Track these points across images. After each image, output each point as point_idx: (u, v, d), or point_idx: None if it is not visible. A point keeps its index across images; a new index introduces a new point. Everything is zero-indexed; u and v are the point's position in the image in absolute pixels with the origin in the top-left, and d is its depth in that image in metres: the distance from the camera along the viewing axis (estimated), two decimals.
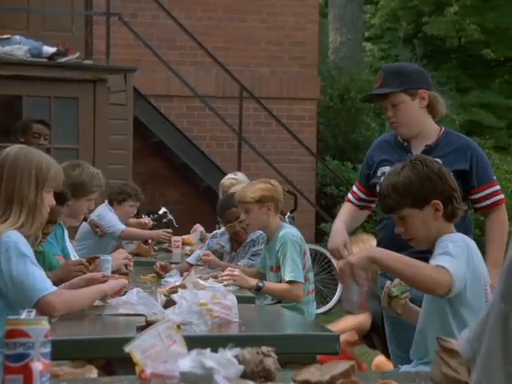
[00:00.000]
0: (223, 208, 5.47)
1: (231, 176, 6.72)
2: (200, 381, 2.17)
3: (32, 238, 3.24)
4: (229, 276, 4.58)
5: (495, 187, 3.91)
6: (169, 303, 3.58)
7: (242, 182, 6.32)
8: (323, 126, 12.40)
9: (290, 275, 4.65)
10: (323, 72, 12.71)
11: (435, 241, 3.04)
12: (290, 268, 4.66)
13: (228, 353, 2.24)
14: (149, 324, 2.91)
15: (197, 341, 2.66)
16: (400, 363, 3.52)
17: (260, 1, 11.62)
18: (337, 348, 3.31)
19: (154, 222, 8.32)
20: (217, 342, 2.38)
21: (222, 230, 5.75)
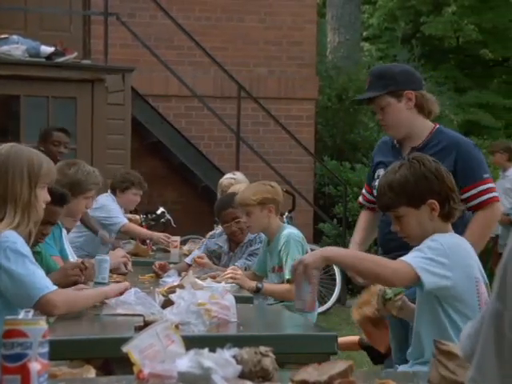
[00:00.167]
0: (220, 208, 5.48)
1: (230, 176, 6.72)
2: (198, 381, 2.17)
3: (26, 236, 3.23)
4: (232, 274, 4.61)
5: (484, 186, 3.80)
6: (167, 303, 3.58)
7: (241, 182, 6.31)
8: (321, 126, 12.41)
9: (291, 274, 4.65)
10: (321, 72, 12.71)
11: None
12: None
13: (226, 353, 2.24)
14: (147, 324, 2.91)
15: (195, 341, 2.65)
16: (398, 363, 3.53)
17: (258, 1, 11.62)
18: (335, 348, 3.31)
19: (152, 222, 8.32)
20: (215, 342, 2.38)
21: (220, 231, 5.75)
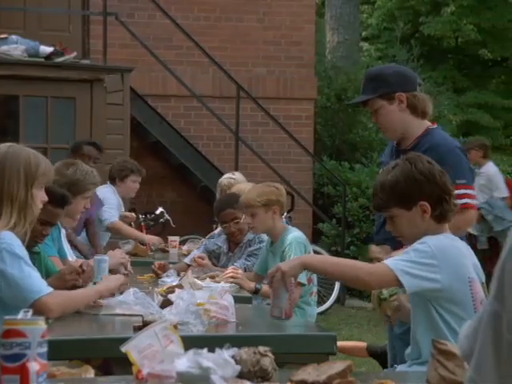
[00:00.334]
0: (219, 209, 5.48)
1: (229, 176, 6.72)
2: (197, 381, 2.18)
3: (23, 236, 3.22)
4: (232, 274, 4.62)
5: (459, 191, 3.55)
6: (166, 303, 3.58)
7: (240, 182, 6.32)
8: (320, 126, 12.40)
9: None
10: (320, 72, 12.71)
11: None
12: None
13: (225, 353, 2.24)
14: (146, 324, 2.91)
15: (194, 341, 2.66)
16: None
17: (257, 1, 11.62)
18: (333, 348, 3.31)
19: (151, 222, 8.32)
20: (214, 342, 2.38)
21: (219, 231, 5.75)
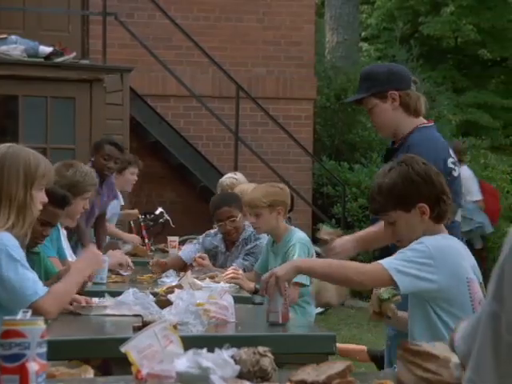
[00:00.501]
0: (215, 207, 5.48)
1: (231, 175, 6.71)
2: (196, 381, 2.17)
3: (22, 237, 3.22)
4: (233, 274, 4.62)
5: None
6: (162, 303, 3.58)
7: (242, 182, 6.32)
8: (320, 126, 12.40)
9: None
10: (320, 72, 12.71)
11: None
12: None
13: (224, 353, 2.24)
14: (145, 324, 2.91)
15: (193, 341, 2.66)
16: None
17: (256, 1, 11.62)
18: (333, 348, 3.31)
19: (151, 223, 8.32)
20: (213, 342, 2.38)
21: (216, 230, 5.75)
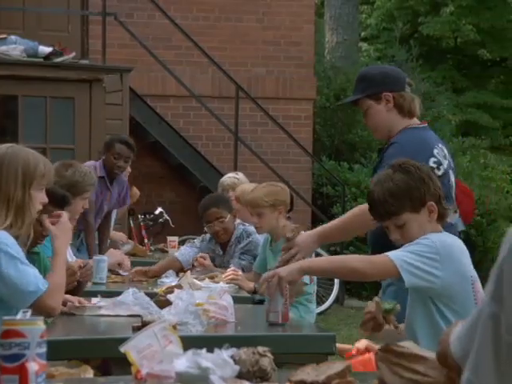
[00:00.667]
0: (204, 209, 5.48)
1: (232, 175, 6.69)
2: (196, 381, 2.17)
3: (23, 237, 3.22)
4: (233, 276, 4.62)
5: None
6: (162, 303, 3.59)
7: (244, 182, 6.32)
8: (319, 126, 12.41)
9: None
10: (319, 72, 12.71)
11: None
12: None
13: (224, 353, 2.24)
14: (145, 324, 2.91)
15: (193, 341, 2.66)
16: None
17: (256, 1, 11.62)
18: (332, 348, 3.31)
19: (150, 222, 8.32)
20: (213, 342, 2.38)
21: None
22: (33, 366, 2.02)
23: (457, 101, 16.50)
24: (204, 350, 2.23)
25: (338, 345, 4.12)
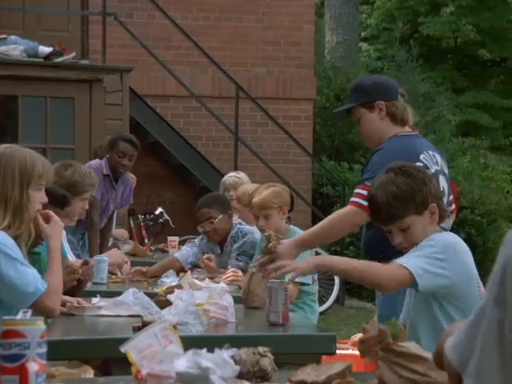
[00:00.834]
0: (197, 208, 5.49)
1: (234, 174, 6.67)
2: (196, 381, 2.17)
3: (24, 237, 3.21)
4: (233, 277, 4.63)
5: (356, 189, 3.84)
6: (162, 303, 3.58)
7: (245, 182, 6.31)
8: (319, 126, 12.40)
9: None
10: (319, 72, 12.71)
11: None
12: None
13: (224, 353, 2.23)
14: (145, 324, 2.91)
15: (193, 341, 2.65)
16: None
17: (256, 1, 11.62)
18: (333, 348, 3.31)
19: (150, 223, 8.31)
20: (213, 342, 2.38)
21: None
22: (33, 366, 2.02)
23: (457, 101, 16.50)
24: (204, 350, 2.23)
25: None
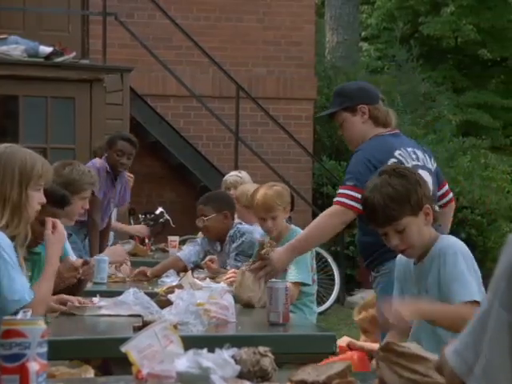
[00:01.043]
0: (196, 205, 5.53)
1: (235, 173, 6.67)
2: (197, 381, 2.17)
3: (21, 238, 3.21)
4: (234, 277, 4.63)
5: (339, 190, 4.11)
6: (162, 303, 3.59)
7: (246, 182, 6.31)
8: (320, 126, 12.40)
9: (297, 277, 4.64)
10: (320, 72, 12.70)
11: (427, 247, 3.06)
12: (299, 270, 4.64)
13: (225, 353, 2.24)
14: (145, 324, 2.91)
15: (193, 341, 2.66)
16: None
17: (257, 1, 11.62)
18: (333, 348, 3.32)
19: (151, 222, 8.31)
20: (213, 342, 2.38)
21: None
22: (33, 366, 2.02)
23: (457, 101, 16.49)
24: (205, 350, 2.23)
25: None
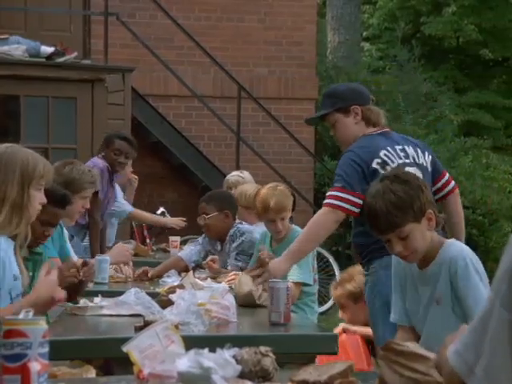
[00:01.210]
0: (199, 201, 5.55)
1: (237, 173, 6.67)
2: (198, 381, 2.17)
3: (22, 237, 3.20)
4: (235, 278, 4.64)
5: (329, 192, 4.06)
6: (164, 303, 3.59)
7: (248, 182, 6.32)
8: (321, 126, 12.40)
9: (299, 277, 4.64)
10: (321, 72, 12.70)
11: (431, 252, 3.06)
12: (301, 270, 4.64)
13: (226, 353, 2.24)
14: (147, 324, 2.91)
15: (195, 341, 2.66)
16: None
17: (258, 1, 11.62)
18: (335, 348, 3.32)
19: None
20: (215, 342, 2.38)
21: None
22: (35, 366, 2.02)
23: (459, 101, 16.47)
24: (206, 350, 2.23)
25: None
